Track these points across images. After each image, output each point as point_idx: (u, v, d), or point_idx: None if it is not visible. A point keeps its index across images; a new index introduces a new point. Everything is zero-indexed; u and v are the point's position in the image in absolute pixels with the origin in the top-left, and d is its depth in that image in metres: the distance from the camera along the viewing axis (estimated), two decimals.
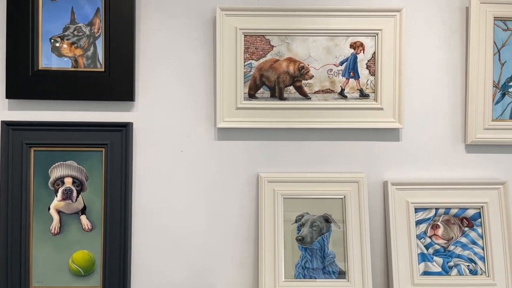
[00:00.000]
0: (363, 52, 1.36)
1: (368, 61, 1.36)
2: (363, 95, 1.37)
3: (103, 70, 1.34)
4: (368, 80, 1.36)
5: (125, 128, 1.34)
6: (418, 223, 1.36)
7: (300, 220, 1.35)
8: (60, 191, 1.33)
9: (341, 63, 1.36)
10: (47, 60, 1.35)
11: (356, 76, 1.36)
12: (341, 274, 1.33)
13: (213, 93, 1.38)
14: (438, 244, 1.35)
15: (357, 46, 1.36)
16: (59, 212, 1.34)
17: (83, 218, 1.34)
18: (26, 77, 1.33)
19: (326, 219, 1.35)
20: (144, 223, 1.37)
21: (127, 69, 1.34)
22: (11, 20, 1.33)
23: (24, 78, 1.33)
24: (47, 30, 1.34)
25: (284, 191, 1.36)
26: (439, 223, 1.36)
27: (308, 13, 1.35)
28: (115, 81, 1.34)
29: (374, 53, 1.36)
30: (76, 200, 1.34)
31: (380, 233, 1.39)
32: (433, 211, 1.36)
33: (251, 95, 1.36)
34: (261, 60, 1.36)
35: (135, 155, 1.37)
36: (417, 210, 1.36)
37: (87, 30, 1.35)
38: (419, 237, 1.35)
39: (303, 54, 1.36)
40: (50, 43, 1.34)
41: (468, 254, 1.35)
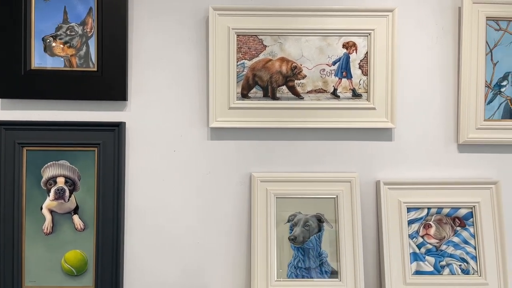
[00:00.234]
0: (356, 52, 1.36)
1: (361, 61, 1.37)
2: (355, 95, 1.37)
3: (95, 69, 1.34)
4: (360, 80, 1.37)
5: (117, 127, 1.34)
6: (410, 222, 1.36)
7: (292, 219, 1.36)
8: (52, 190, 1.33)
9: (334, 63, 1.37)
10: (40, 60, 1.35)
11: (349, 76, 1.37)
12: (333, 274, 1.34)
13: (205, 93, 1.38)
14: (430, 244, 1.36)
15: (349, 46, 1.36)
16: (51, 211, 1.34)
17: (75, 217, 1.34)
18: (19, 76, 1.33)
19: (318, 218, 1.36)
20: (137, 223, 1.37)
21: (120, 68, 1.34)
22: (3, 20, 1.32)
23: (17, 77, 1.33)
24: (39, 29, 1.34)
25: (277, 191, 1.36)
26: (431, 222, 1.36)
27: (300, 13, 1.35)
28: (108, 80, 1.34)
29: (367, 53, 1.36)
30: (69, 199, 1.34)
31: (373, 232, 1.39)
32: (425, 211, 1.37)
33: (244, 95, 1.36)
34: (254, 60, 1.36)
35: (128, 155, 1.37)
36: (409, 209, 1.37)
37: (79, 30, 1.35)
38: (411, 236, 1.36)
39: (296, 54, 1.36)
40: (42, 43, 1.34)
41: (460, 253, 1.36)
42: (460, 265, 1.35)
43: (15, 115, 1.36)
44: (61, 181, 1.34)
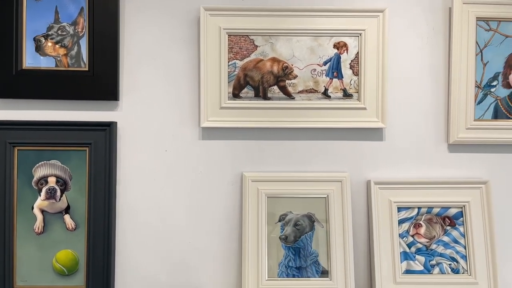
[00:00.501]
0: (347, 52, 1.37)
1: (352, 61, 1.37)
2: (346, 95, 1.37)
3: (87, 69, 1.35)
4: (351, 80, 1.37)
5: (109, 127, 1.34)
6: (401, 222, 1.37)
7: (283, 219, 1.36)
8: (43, 190, 1.33)
9: (325, 63, 1.37)
10: (31, 60, 1.35)
11: (340, 76, 1.37)
12: (324, 273, 1.34)
13: (197, 93, 1.38)
14: (420, 243, 1.36)
15: (340, 46, 1.37)
16: (42, 211, 1.34)
17: (66, 217, 1.34)
18: (10, 76, 1.33)
19: (309, 218, 1.36)
20: (128, 222, 1.38)
21: (111, 68, 1.34)
22: None
23: (8, 77, 1.33)
24: (31, 29, 1.34)
25: (268, 190, 1.36)
26: (421, 222, 1.37)
27: (292, 13, 1.35)
28: (99, 80, 1.34)
29: (358, 53, 1.37)
30: (60, 199, 1.34)
31: (363, 231, 1.40)
32: (416, 210, 1.37)
33: (235, 95, 1.37)
34: (245, 60, 1.36)
35: (119, 154, 1.37)
36: (399, 209, 1.37)
37: (71, 30, 1.35)
38: (401, 236, 1.36)
39: (287, 54, 1.37)
40: (34, 43, 1.34)
41: (450, 252, 1.36)
42: (450, 264, 1.36)
43: (6, 114, 1.36)
44: (52, 180, 1.34)
